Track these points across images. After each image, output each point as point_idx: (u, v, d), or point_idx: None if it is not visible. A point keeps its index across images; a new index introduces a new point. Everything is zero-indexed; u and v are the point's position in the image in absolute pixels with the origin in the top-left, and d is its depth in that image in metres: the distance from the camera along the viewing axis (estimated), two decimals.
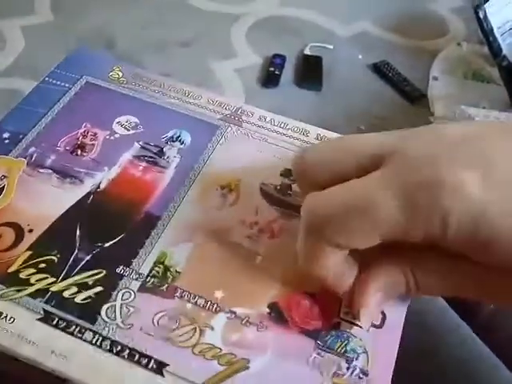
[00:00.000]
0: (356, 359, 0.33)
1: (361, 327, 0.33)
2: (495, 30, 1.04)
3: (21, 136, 0.43)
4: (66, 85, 0.47)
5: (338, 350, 0.33)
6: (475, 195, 0.27)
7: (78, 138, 0.43)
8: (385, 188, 0.28)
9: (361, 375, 0.32)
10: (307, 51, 1.03)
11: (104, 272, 0.35)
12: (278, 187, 0.41)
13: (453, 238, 0.28)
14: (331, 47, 1.04)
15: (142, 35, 0.99)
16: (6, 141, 0.43)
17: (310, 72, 1.01)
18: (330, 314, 0.34)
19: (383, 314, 0.34)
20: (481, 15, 1.01)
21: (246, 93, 0.90)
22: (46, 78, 0.48)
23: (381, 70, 1.03)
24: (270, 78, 0.97)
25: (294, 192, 0.41)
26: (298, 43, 1.04)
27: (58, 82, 0.47)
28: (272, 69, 0.99)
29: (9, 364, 0.34)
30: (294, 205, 0.40)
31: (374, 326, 0.34)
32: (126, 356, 0.32)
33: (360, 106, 0.92)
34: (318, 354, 0.33)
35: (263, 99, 0.89)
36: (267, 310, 0.34)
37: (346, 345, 0.33)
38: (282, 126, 0.46)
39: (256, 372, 0.31)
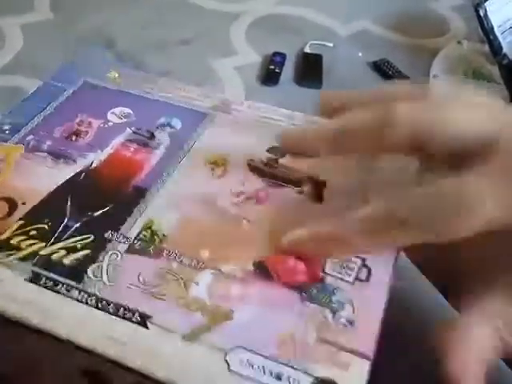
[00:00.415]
0: (341, 310, 0.33)
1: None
2: (496, 29, 1.04)
3: (19, 127, 0.45)
4: (65, 86, 0.50)
5: (323, 302, 0.33)
6: None
7: (74, 126, 0.45)
8: (492, 181, 0.28)
9: (346, 323, 0.32)
10: (307, 49, 1.03)
11: (92, 237, 0.36)
12: (265, 162, 0.42)
13: None
14: (331, 45, 1.04)
15: (142, 34, 0.99)
16: (7, 131, 0.45)
17: (310, 70, 1.01)
18: (314, 270, 0.35)
19: (368, 268, 0.35)
20: (481, 13, 1.01)
21: (246, 91, 0.90)
22: (47, 80, 0.50)
23: (381, 68, 1.03)
24: (270, 76, 0.97)
25: (281, 165, 0.42)
26: (298, 41, 1.04)
27: (59, 84, 0.50)
28: (272, 67, 0.99)
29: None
30: (282, 176, 0.41)
31: (358, 279, 0.34)
32: (112, 311, 0.32)
33: None
34: (303, 304, 0.33)
35: (263, 97, 0.89)
36: (252, 268, 0.35)
37: (330, 296, 0.33)
38: (270, 111, 0.47)
39: (240, 321, 0.32)
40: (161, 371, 0.30)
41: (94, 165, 0.42)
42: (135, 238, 0.36)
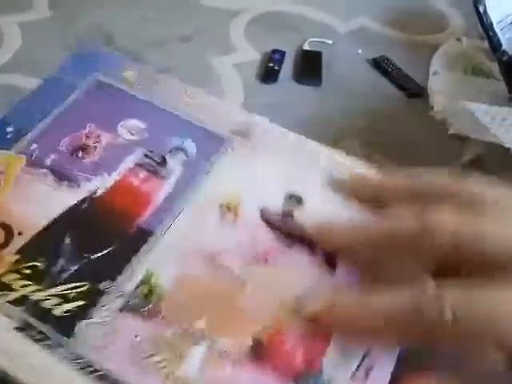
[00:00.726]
0: None
1: None
2: (495, 25, 1.03)
3: (24, 132, 0.43)
4: (76, 81, 0.47)
5: None
6: None
7: (81, 139, 0.43)
8: None
9: None
10: (306, 46, 1.02)
11: (87, 286, 0.35)
12: (279, 213, 0.40)
13: None
14: (330, 42, 1.03)
15: (141, 31, 0.99)
16: (9, 135, 0.43)
17: (310, 67, 1.00)
18: (313, 357, 0.33)
19: (370, 365, 0.33)
20: (481, 10, 1.00)
21: (245, 88, 0.89)
22: (55, 72, 0.48)
23: (380, 65, 1.02)
24: (269, 73, 0.97)
25: (296, 220, 0.40)
26: (297, 38, 1.03)
27: (68, 78, 0.48)
28: (271, 64, 0.98)
29: None
30: (295, 234, 0.39)
31: (356, 376, 0.32)
32: (98, 377, 0.31)
33: (360, 101, 0.92)
34: None
35: (262, 94, 0.88)
36: (248, 345, 0.33)
37: None
38: (293, 143, 0.45)
39: None
40: None
41: (98, 193, 0.40)
42: (131, 293, 0.35)
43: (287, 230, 0.39)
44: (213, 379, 0.31)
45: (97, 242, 0.37)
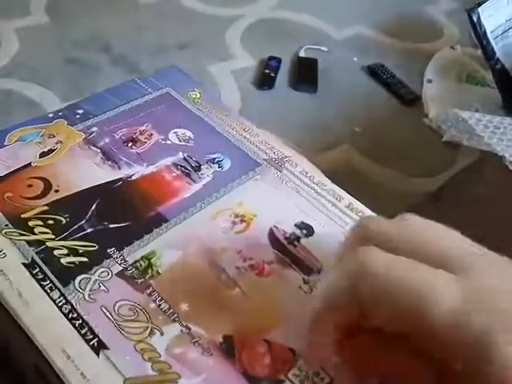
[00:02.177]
0: None
1: None
2: (488, 34, 1.05)
3: (90, 116, 0.49)
4: (149, 89, 0.53)
5: None
6: None
7: (135, 133, 0.48)
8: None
9: None
10: (302, 53, 1.04)
11: (96, 247, 0.38)
12: (288, 235, 0.42)
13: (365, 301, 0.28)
14: (326, 49, 1.04)
15: (138, 38, 0.99)
16: (78, 115, 0.49)
17: (306, 74, 1.01)
18: (278, 369, 0.34)
19: None
20: (474, 18, 1.02)
21: (242, 94, 0.90)
22: (135, 79, 0.55)
23: (376, 72, 1.03)
24: (265, 80, 0.97)
25: (300, 246, 0.41)
26: (293, 46, 1.04)
27: (143, 85, 0.54)
28: (267, 71, 0.99)
29: None
30: (296, 256, 0.41)
31: None
32: (77, 325, 0.34)
33: (355, 108, 0.92)
34: None
35: (259, 101, 0.89)
36: (220, 340, 0.35)
37: None
38: (319, 184, 0.47)
39: None
40: None
41: (133, 177, 0.44)
42: (131, 264, 0.38)
43: (288, 252, 0.41)
44: (179, 358, 0.33)
45: (117, 215, 0.41)
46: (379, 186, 0.63)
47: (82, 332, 0.34)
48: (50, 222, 0.39)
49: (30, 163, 0.44)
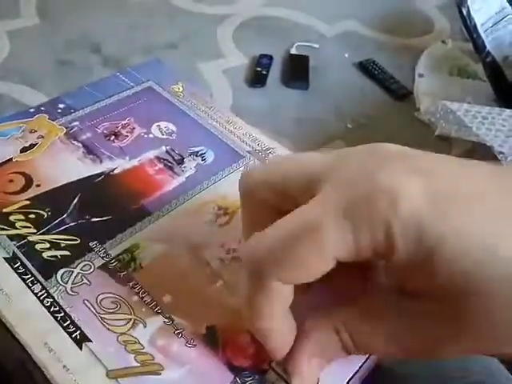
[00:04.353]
0: None
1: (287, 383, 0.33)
2: (479, 27, 1.05)
3: (72, 110, 0.49)
4: (131, 83, 0.53)
5: None
6: (415, 202, 0.26)
7: (117, 127, 0.48)
8: (325, 209, 0.28)
9: None
10: (293, 51, 1.04)
11: (78, 241, 0.38)
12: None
13: (399, 251, 0.27)
14: (317, 46, 1.04)
15: (129, 38, 0.99)
16: (59, 110, 0.49)
17: (297, 71, 1.01)
18: (261, 359, 0.34)
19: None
20: (464, 12, 1.02)
21: (234, 93, 0.90)
22: (117, 74, 0.54)
23: (367, 68, 1.04)
24: (257, 77, 0.98)
25: None
26: (284, 43, 1.05)
27: (125, 79, 0.53)
28: (259, 69, 0.99)
29: None
30: None
31: None
32: (59, 318, 0.34)
33: (347, 105, 0.93)
34: None
35: (251, 99, 0.89)
36: (204, 331, 0.34)
37: None
38: None
39: (165, 381, 0.32)
40: None
41: (116, 171, 0.44)
42: (114, 257, 0.37)
43: None
44: (162, 349, 0.33)
45: (100, 209, 0.41)
46: None
47: (65, 325, 0.33)
48: (32, 216, 0.39)
49: (11, 158, 0.44)
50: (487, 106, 0.94)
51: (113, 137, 0.47)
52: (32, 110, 0.48)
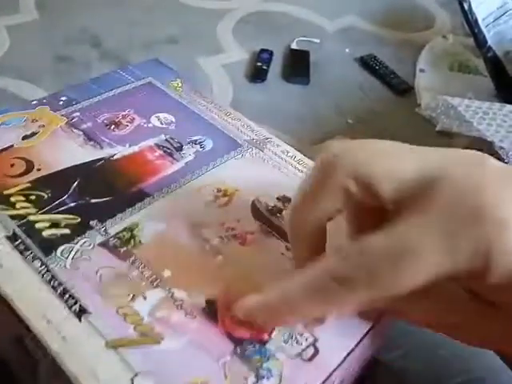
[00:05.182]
0: (267, 379, 0.32)
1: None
2: (480, 22, 1.05)
3: (73, 102, 0.50)
4: (132, 79, 0.54)
5: (253, 364, 0.32)
6: None
7: (118, 117, 0.49)
8: (427, 231, 0.27)
9: None
10: (294, 46, 1.04)
11: (78, 220, 0.38)
12: (270, 207, 0.42)
13: (494, 277, 0.26)
14: (318, 41, 1.04)
15: (128, 33, 0.99)
16: (61, 102, 0.50)
17: (298, 66, 1.01)
18: (261, 330, 0.34)
19: (316, 349, 0.33)
20: (465, 7, 1.02)
21: (234, 88, 0.90)
22: (118, 70, 0.55)
23: (368, 63, 1.04)
24: (257, 72, 0.98)
25: (283, 217, 0.41)
26: (285, 38, 1.04)
27: (126, 75, 0.54)
28: (259, 64, 0.99)
29: None
30: (278, 226, 0.41)
31: (301, 357, 0.33)
32: (59, 291, 0.34)
33: (348, 100, 0.92)
34: (232, 358, 0.32)
35: (251, 94, 0.89)
36: (203, 305, 0.35)
37: (263, 362, 0.32)
38: (300, 162, 0.47)
39: (164, 351, 0.32)
40: (71, 365, 0.31)
41: (116, 156, 0.44)
42: (114, 235, 0.38)
43: (270, 222, 0.41)
44: (161, 320, 0.34)
45: (100, 191, 0.41)
46: None
47: (64, 298, 0.33)
48: (32, 197, 0.39)
49: (13, 145, 0.44)
50: (488, 102, 0.93)
51: (113, 126, 0.47)
52: (34, 103, 0.49)
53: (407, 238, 0.27)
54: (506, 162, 0.72)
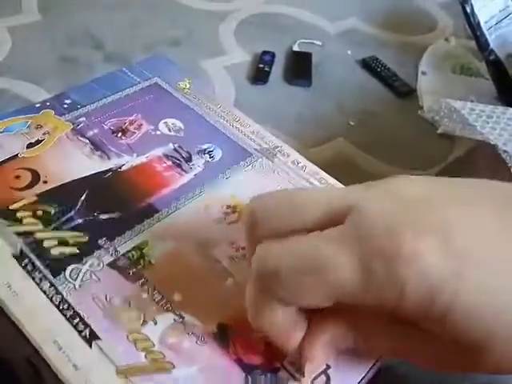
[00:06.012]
0: None
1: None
2: (482, 25, 1.04)
3: (78, 106, 0.49)
4: (137, 79, 0.53)
5: None
6: (432, 266, 0.26)
7: (125, 123, 0.48)
8: (340, 249, 0.27)
9: None
10: (296, 48, 1.03)
11: (87, 238, 0.38)
12: None
13: (408, 307, 0.27)
14: (320, 43, 1.04)
15: (131, 34, 0.99)
16: (65, 105, 0.49)
17: (300, 68, 1.00)
18: (273, 357, 0.33)
19: (327, 376, 0.33)
20: (468, 9, 1.01)
21: (236, 90, 0.89)
22: (123, 69, 0.54)
23: (370, 65, 1.03)
24: (259, 74, 0.97)
25: None
26: (287, 40, 1.04)
27: (131, 75, 0.54)
28: (261, 65, 0.98)
29: None
30: None
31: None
32: (68, 316, 0.33)
33: (350, 102, 0.92)
34: None
35: (253, 96, 0.89)
36: (214, 329, 0.34)
37: None
38: (311, 174, 0.47)
39: (176, 379, 0.32)
40: None
41: (123, 168, 0.44)
42: (123, 254, 0.37)
43: None
44: (173, 347, 0.33)
45: (108, 206, 0.40)
46: (374, 179, 0.63)
47: (74, 323, 0.33)
48: (39, 212, 0.39)
49: (17, 154, 0.43)
50: (490, 105, 0.93)
51: (120, 133, 0.47)
52: (38, 105, 0.48)
53: (321, 249, 0.28)
54: (509, 166, 0.72)
